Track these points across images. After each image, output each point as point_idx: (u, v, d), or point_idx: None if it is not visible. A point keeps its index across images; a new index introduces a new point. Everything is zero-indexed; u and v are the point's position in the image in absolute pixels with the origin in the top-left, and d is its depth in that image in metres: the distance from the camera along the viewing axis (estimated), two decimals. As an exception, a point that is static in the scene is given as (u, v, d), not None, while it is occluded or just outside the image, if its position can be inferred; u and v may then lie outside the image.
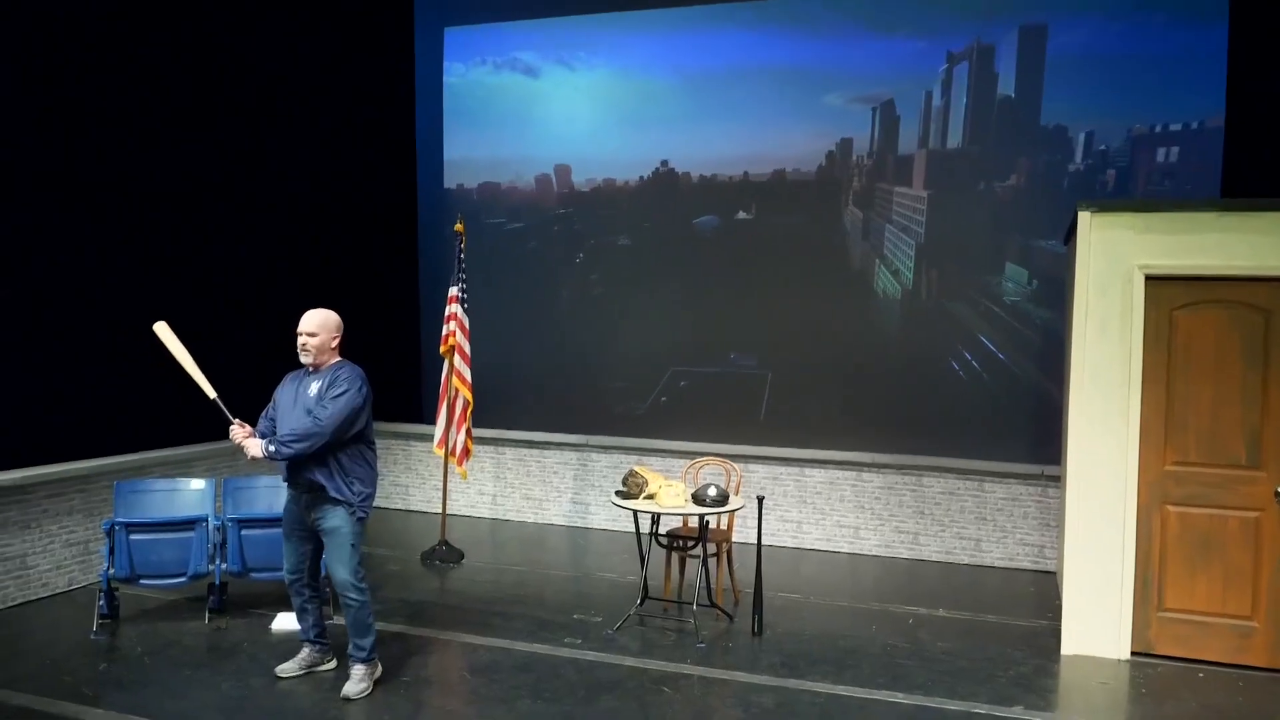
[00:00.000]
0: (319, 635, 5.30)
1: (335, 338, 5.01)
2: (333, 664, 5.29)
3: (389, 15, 9.91)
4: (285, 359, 5.01)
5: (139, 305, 7.46)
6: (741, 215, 8.96)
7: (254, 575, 6.14)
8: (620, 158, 9.31)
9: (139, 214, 7.47)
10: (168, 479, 6.64)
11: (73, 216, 6.94)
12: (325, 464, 4.87)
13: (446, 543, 7.80)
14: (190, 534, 6.04)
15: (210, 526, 6.11)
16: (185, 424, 7.76)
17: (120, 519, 5.96)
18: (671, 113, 9.10)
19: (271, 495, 6.38)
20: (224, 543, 6.11)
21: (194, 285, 7.99)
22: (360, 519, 4.97)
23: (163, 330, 5.22)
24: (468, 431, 7.82)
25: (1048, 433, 7.70)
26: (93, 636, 5.78)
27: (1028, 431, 7.99)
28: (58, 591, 6.58)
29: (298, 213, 9.19)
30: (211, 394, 5.11)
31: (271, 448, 4.80)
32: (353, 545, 4.93)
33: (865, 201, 8.55)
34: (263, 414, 5.15)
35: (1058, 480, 7.42)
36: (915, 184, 8.37)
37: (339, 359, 5.03)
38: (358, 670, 4.98)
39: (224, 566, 6.11)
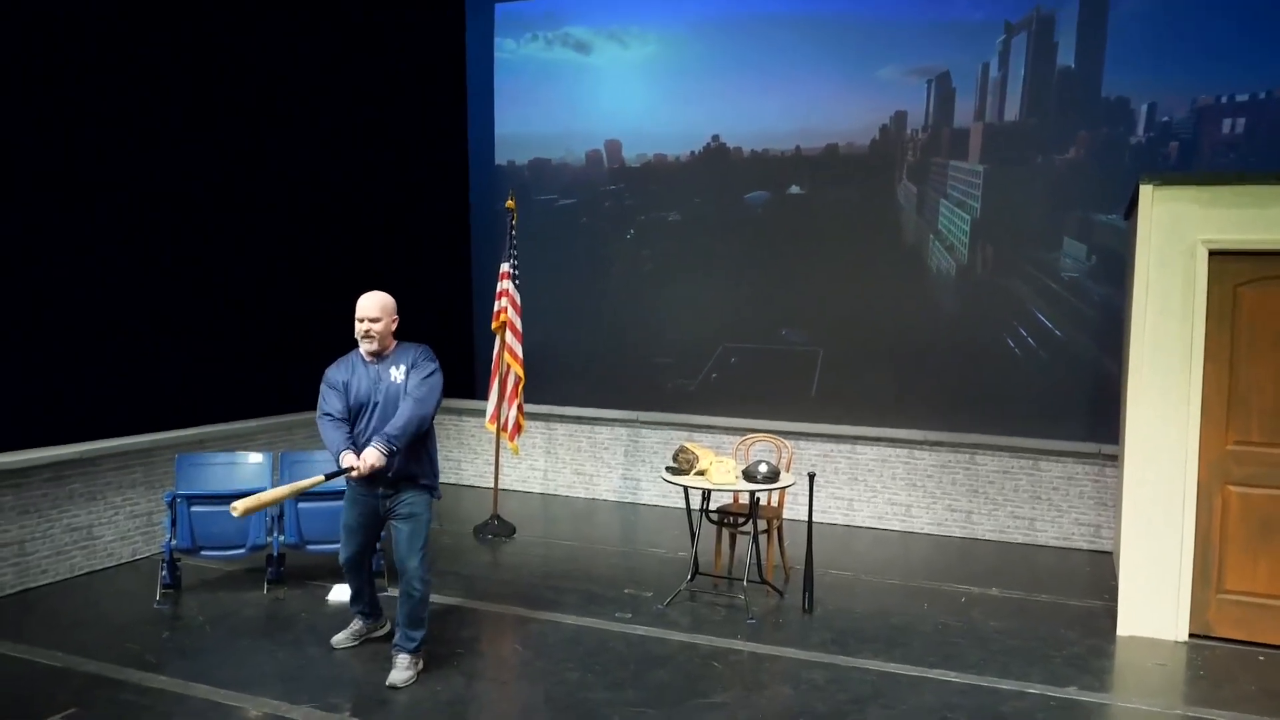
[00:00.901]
0: (373, 610, 5.38)
1: (395, 320, 4.92)
2: (385, 628, 5.38)
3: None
4: (340, 333, 4.98)
5: (197, 283, 7.63)
6: (793, 190, 8.88)
7: (310, 548, 6.24)
8: (671, 132, 9.27)
9: (200, 197, 7.60)
10: (227, 452, 6.77)
11: (152, 196, 7.09)
12: (417, 451, 4.83)
13: (498, 517, 7.88)
14: (249, 506, 6.16)
15: (268, 499, 6.22)
16: (244, 399, 7.95)
17: (181, 491, 6.10)
18: (723, 87, 9.04)
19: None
20: (281, 516, 6.23)
21: (249, 262, 8.12)
22: (436, 499, 5.02)
23: (245, 505, 4.64)
24: (519, 407, 7.87)
25: (1105, 411, 7.56)
26: (156, 605, 5.94)
27: (1084, 409, 7.86)
28: (122, 561, 6.76)
29: (349, 191, 9.29)
30: (320, 479, 4.85)
31: (383, 445, 4.62)
32: (428, 530, 4.91)
33: (919, 175, 8.43)
34: (320, 401, 4.88)
35: (1115, 459, 7.30)
36: (971, 158, 8.23)
37: (398, 341, 4.97)
38: (404, 659, 4.88)
39: (281, 539, 6.23)
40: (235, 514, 4.57)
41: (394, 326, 4.93)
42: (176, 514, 6.02)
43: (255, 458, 6.58)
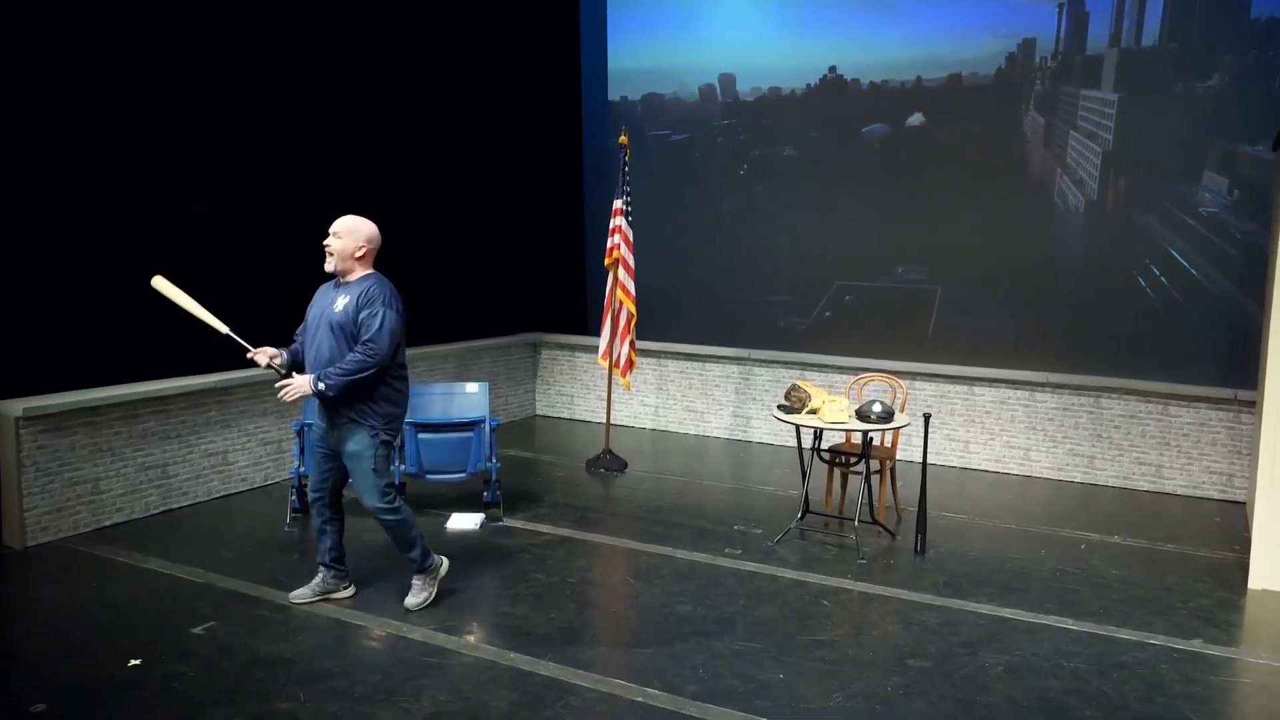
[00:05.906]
0: (335, 560, 5.07)
1: (362, 248, 4.71)
2: (349, 591, 5.12)
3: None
4: (442, 267, 4.99)
5: (308, 219, 7.85)
6: (913, 122, 8.61)
7: (430, 477, 6.42)
8: (786, 65, 9.07)
9: (320, 134, 7.79)
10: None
11: (290, 136, 7.31)
12: (355, 389, 4.61)
13: (610, 451, 7.99)
14: (371, 437, 6.36)
15: (389, 430, 6.41)
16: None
17: (308, 420, 6.31)
18: (840, 16, 8.78)
19: (446, 401, 6.65)
20: (402, 446, 6.41)
21: (357, 194, 8.29)
22: (384, 441, 4.73)
23: (161, 284, 4.85)
24: (631, 344, 7.91)
25: (1243, 354, 7.20)
26: (285, 528, 6.22)
27: (1220, 352, 7.50)
28: (254, 486, 7.09)
29: (462, 128, 9.37)
30: (224, 329, 4.82)
31: (321, 384, 4.53)
32: (374, 470, 4.68)
33: (1047, 106, 8.07)
34: (298, 330, 4.95)
35: (1252, 405, 6.96)
36: (1104, 86, 7.82)
37: (369, 271, 4.77)
38: (416, 582, 4.98)
39: (402, 468, 6.42)
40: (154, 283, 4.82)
41: (360, 253, 4.72)
42: (304, 442, 6.26)
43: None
